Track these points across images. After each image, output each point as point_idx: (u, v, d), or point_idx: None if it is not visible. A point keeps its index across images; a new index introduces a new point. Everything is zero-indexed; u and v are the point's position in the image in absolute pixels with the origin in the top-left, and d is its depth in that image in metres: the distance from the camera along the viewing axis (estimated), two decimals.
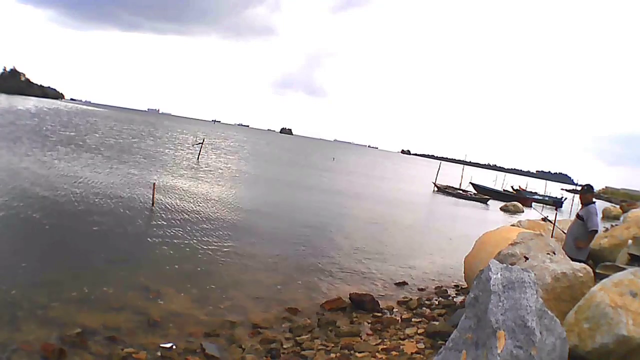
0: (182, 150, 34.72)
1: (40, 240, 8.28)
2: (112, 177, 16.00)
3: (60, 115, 56.16)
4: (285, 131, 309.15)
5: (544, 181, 67.96)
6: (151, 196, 12.65)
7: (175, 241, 9.47)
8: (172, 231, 10.18)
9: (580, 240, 6.73)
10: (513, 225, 10.19)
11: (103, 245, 8.60)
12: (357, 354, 5.32)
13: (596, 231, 6.66)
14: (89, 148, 24.39)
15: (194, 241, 9.72)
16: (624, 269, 5.06)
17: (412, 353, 5.28)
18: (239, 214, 13.36)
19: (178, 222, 11.10)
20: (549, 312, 3.42)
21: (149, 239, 9.42)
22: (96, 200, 11.97)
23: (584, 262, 5.90)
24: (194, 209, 12.99)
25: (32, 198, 11.05)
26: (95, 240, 8.78)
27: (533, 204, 31.76)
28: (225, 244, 9.86)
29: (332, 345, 5.64)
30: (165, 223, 10.78)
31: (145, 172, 18.71)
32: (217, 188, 18.01)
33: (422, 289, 8.88)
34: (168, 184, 16.52)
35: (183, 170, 21.93)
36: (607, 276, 4.51)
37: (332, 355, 5.31)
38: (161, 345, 5.20)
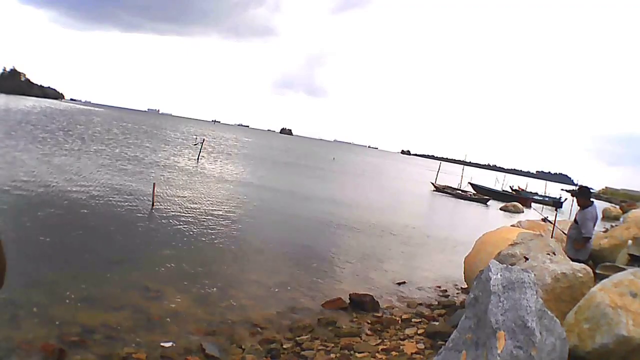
0: (182, 150, 34.73)
1: (39, 240, 8.28)
2: (112, 176, 16.01)
3: (65, 115, 56.18)
4: (285, 131, 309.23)
5: (543, 181, 67.96)
6: (151, 196, 12.65)
7: (175, 241, 9.48)
8: (172, 231, 10.18)
9: (577, 242, 6.74)
10: (513, 225, 10.19)
11: (103, 245, 8.60)
12: (357, 354, 5.31)
13: (589, 238, 6.58)
14: (89, 147, 24.40)
15: (194, 241, 9.72)
16: (624, 269, 5.06)
17: (412, 353, 5.27)
18: (239, 214, 13.36)
19: (178, 222, 11.10)
20: (549, 312, 3.43)
21: (149, 238, 9.42)
22: (96, 199, 11.98)
23: (584, 262, 5.90)
24: (194, 209, 13.00)
25: (29, 197, 11.06)
26: (95, 240, 8.77)
27: (533, 204, 31.76)
28: (225, 244, 9.87)
29: (332, 345, 5.63)
30: (165, 223, 10.79)
31: (145, 172, 18.71)
32: (217, 188, 18.02)
33: (422, 289, 8.88)
34: (168, 184, 16.52)
35: (183, 171, 21.94)
36: (607, 276, 4.52)
37: (332, 355, 5.30)
38: (161, 344, 5.20)
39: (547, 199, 41.28)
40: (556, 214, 11.52)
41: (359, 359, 5.18)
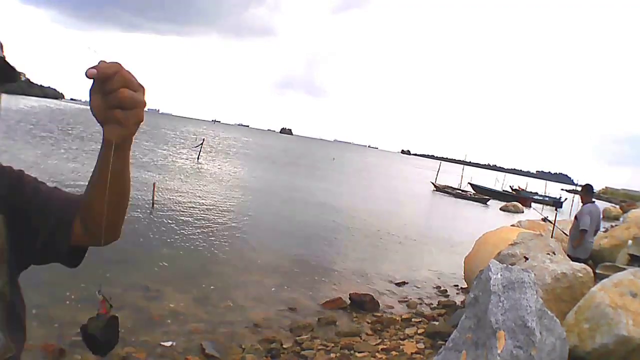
0: (182, 150, 34.72)
1: None
2: None
3: (64, 115, 56.16)
4: (285, 131, 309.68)
5: (543, 181, 67.97)
6: (151, 196, 12.65)
7: (175, 241, 9.47)
8: (172, 231, 10.18)
9: (575, 239, 6.86)
10: (513, 225, 10.19)
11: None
12: (357, 354, 5.32)
13: (585, 230, 6.73)
14: (88, 147, 24.39)
15: (194, 241, 9.72)
16: (624, 269, 5.07)
17: (412, 353, 5.28)
18: (239, 214, 13.35)
19: (178, 221, 11.09)
20: (549, 312, 3.43)
21: (148, 238, 9.41)
22: None
23: (584, 262, 5.92)
24: (194, 208, 12.99)
25: None
26: None
27: (533, 204, 31.76)
28: (225, 245, 9.87)
29: (332, 345, 5.64)
30: (165, 223, 10.78)
31: (145, 172, 18.70)
32: (217, 189, 18.01)
33: (422, 289, 8.89)
34: (168, 184, 16.52)
35: (182, 170, 21.94)
36: (607, 276, 4.52)
37: (332, 355, 5.31)
38: (161, 343, 5.20)
39: (547, 198, 41.26)
40: (556, 214, 11.52)
41: (359, 359, 5.18)
